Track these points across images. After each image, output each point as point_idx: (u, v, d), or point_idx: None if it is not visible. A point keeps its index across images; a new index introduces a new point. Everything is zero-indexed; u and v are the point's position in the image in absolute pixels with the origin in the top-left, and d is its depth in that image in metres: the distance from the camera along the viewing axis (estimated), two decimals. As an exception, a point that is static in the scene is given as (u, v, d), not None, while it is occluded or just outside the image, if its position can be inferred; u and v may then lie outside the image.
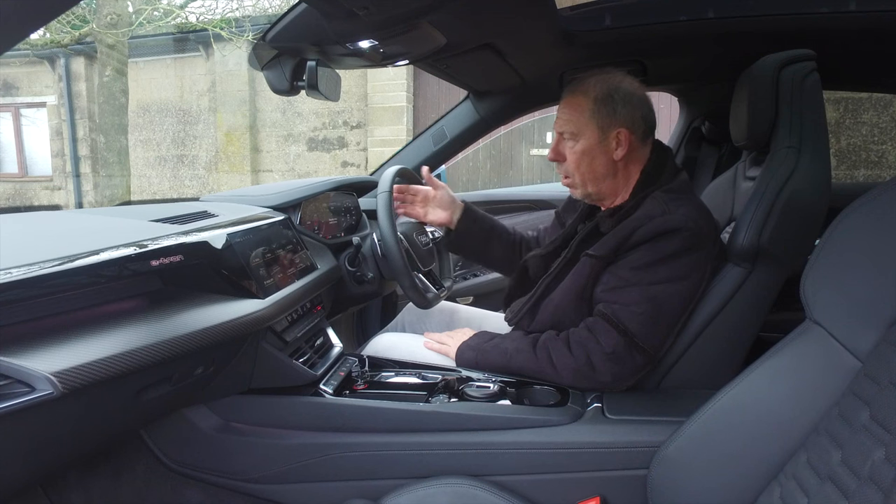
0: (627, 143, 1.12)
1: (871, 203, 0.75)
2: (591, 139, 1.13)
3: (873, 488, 0.58)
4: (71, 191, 7.79)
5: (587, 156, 1.14)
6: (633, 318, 1.04)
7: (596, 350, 1.05)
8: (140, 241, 0.88)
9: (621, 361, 1.05)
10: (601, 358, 1.05)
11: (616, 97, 1.12)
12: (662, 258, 1.04)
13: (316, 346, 1.23)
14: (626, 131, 1.12)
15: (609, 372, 1.05)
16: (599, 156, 1.14)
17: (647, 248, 1.05)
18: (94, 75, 6.76)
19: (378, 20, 0.99)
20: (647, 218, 1.07)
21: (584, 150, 1.14)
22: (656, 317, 1.05)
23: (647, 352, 1.05)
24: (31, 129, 8.03)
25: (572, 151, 1.15)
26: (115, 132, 5.57)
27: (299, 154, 7.01)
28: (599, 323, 1.07)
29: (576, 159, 1.15)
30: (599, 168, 1.14)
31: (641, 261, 1.05)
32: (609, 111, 1.11)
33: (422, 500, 0.93)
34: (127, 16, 5.68)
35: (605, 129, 1.12)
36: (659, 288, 1.04)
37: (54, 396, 0.65)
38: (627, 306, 1.05)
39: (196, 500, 1.14)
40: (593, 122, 1.12)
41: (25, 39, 0.91)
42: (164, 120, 7.47)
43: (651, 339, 1.05)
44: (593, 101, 1.12)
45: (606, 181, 1.16)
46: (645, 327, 1.04)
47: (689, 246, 1.05)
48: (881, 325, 0.68)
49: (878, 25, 1.28)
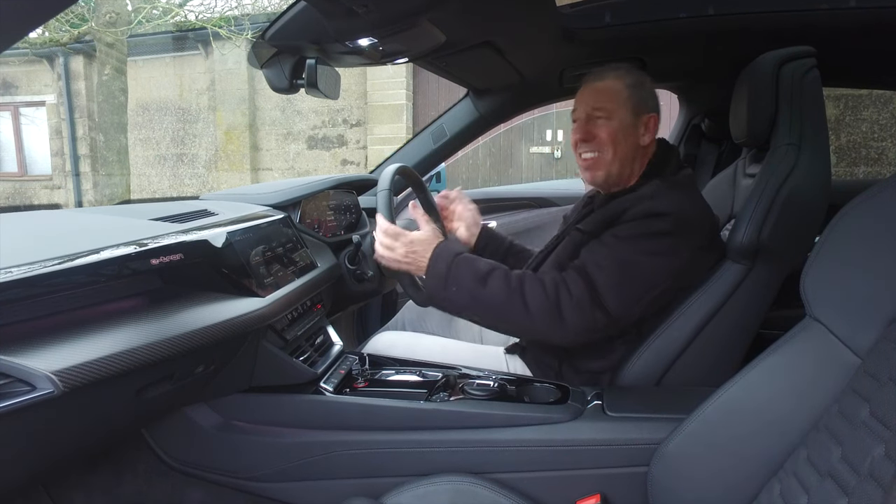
0: (654, 130, 1.17)
1: (871, 200, 0.75)
2: (624, 120, 1.16)
3: (873, 485, 0.58)
4: (70, 190, 7.78)
5: (621, 133, 1.16)
6: (602, 277, 1.05)
7: (565, 297, 1.05)
8: (140, 240, 0.88)
9: (583, 313, 1.04)
10: (568, 306, 1.04)
11: (646, 86, 1.18)
12: (645, 234, 1.06)
13: (316, 345, 1.23)
14: (656, 118, 1.17)
15: (571, 320, 1.04)
16: (630, 137, 1.17)
17: (633, 224, 1.07)
18: (94, 74, 6.75)
19: (377, 18, 0.99)
20: (636, 200, 1.10)
21: (618, 129, 1.16)
22: (624, 281, 1.05)
23: (608, 313, 1.04)
24: (31, 128, 8.02)
25: (607, 128, 1.16)
26: (115, 131, 5.57)
27: (299, 152, 7.00)
28: (571, 274, 1.08)
29: (610, 136, 1.16)
30: (628, 149, 1.17)
31: (624, 233, 1.08)
32: (642, 98, 1.17)
33: (423, 497, 0.94)
34: (126, 14, 5.67)
35: (639, 113, 1.16)
36: (634, 257, 1.06)
37: (55, 395, 0.65)
38: (599, 264, 1.06)
39: (197, 498, 1.14)
40: (629, 104, 1.16)
41: (24, 38, 0.91)
42: (164, 118, 7.46)
43: (614, 302, 1.04)
44: (628, 86, 1.16)
45: (627, 164, 1.18)
46: (611, 289, 1.04)
47: (674, 230, 1.06)
48: (881, 322, 0.68)
49: (878, 22, 1.28)
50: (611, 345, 1.15)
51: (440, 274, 1.08)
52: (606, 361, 1.16)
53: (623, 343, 1.15)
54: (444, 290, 1.08)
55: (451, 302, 1.09)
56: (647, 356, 1.13)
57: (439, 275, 1.08)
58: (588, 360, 1.17)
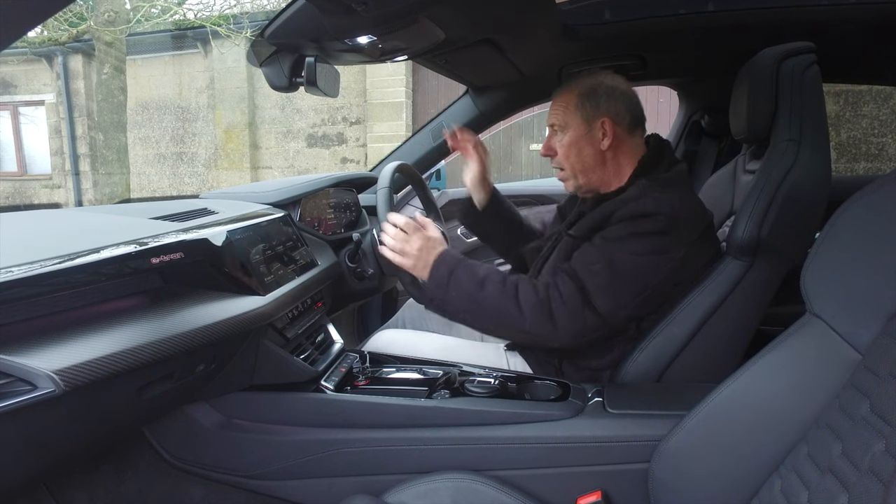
0: (612, 133, 1.17)
1: (871, 196, 0.75)
2: (577, 131, 1.18)
3: (873, 480, 0.58)
4: (70, 189, 7.78)
5: (575, 146, 1.19)
6: (590, 277, 1.06)
7: (556, 298, 1.07)
8: (140, 239, 0.88)
9: (573, 316, 1.06)
10: (558, 307, 1.06)
11: (599, 91, 1.18)
12: (634, 234, 1.07)
13: (317, 343, 1.23)
14: (609, 121, 1.17)
15: (562, 322, 1.06)
16: (587, 146, 1.18)
17: (622, 226, 1.08)
18: (93, 73, 6.75)
19: (376, 16, 0.98)
20: (622, 202, 1.10)
21: (571, 142, 1.19)
22: (614, 281, 1.06)
23: (599, 314, 1.06)
24: (30, 127, 8.01)
25: (561, 144, 1.21)
26: (114, 130, 5.56)
27: (298, 150, 7.00)
28: (561, 276, 1.09)
29: (564, 150, 1.20)
30: (588, 158, 1.19)
31: (613, 234, 1.09)
32: (593, 103, 1.17)
33: (424, 495, 0.94)
34: (125, 13, 5.66)
35: (590, 121, 1.17)
36: (623, 257, 1.06)
37: (56, 394, 0.65)
38: (588, 266, 1.08)
39: (198, 496, 1.14)
40: (578, 114, 1.18)
41: (23, 37, 0.91)
42: (163, 117, 7.45)
43: (605, 302, 1.05)
44: (578, 95, 1.18)
45: (595, 172, 1.20)
46: (600, 289, 1.05)
47: (662, 229, 1.06)
48: (881, 317, 0.68)
49: (877, 17, 1.28)
50: (611, 342, 1.15)
51: (442, 276, 1.11)
52: (607, 358, 1.17)
53: (623, 340, 1.15)
54: (445, 293, 1.11)
55: (450, 304, 1.12)
56: (647, 353, 1.13)
57: (441, 276, 1.11)
58: (588, 358, 1.17)
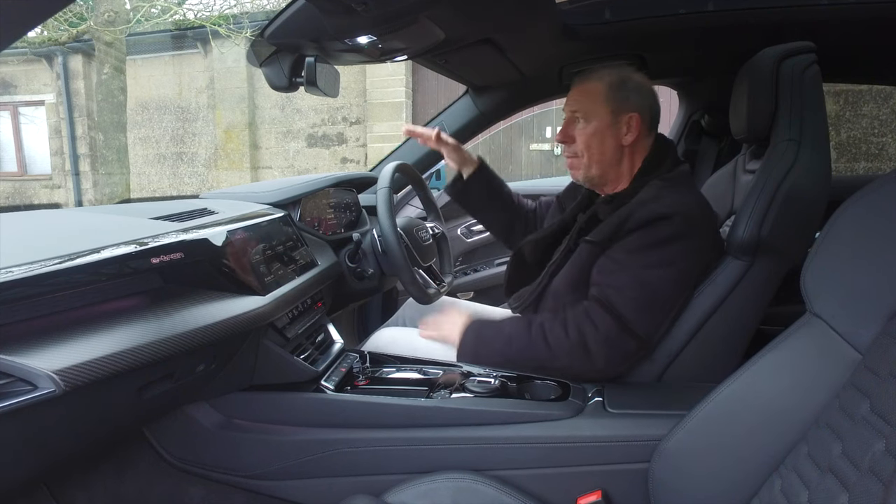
0: (637, 128, 1.16)
1: (871, 195, 0.75)
2: (603, 121, 1.17)
3: (873, 480, 0.58)
4: (70, 189, 7.78)
5: (598, 136, 1.17)
6: (627, 304, 1.05)
7: (590, 332, 1.06)
8: (140, 239, 0.88)
9: (614, 346, 1.06)
10: (595, 340, 1.06)
11: (629, 85, 1.17)
12: (655, 242, 1.06)
13: (317, 343, 1.23)
14: (637, 116, 1.16)
15: (602, 355, 1.06)
16: (609, 138, 1.17)
17: (641, 233, 1.07)
18: (93, 73, 6.75)
19: (376, 16, 0.98)
20: (640, 204, 1.10)
21: (595, 131, 1.18)
22: (649, 302, 1.06)
23: (640, 337, 1.06)
24: (30, 127, 8.01)
25: (583, 132, 1.19)
26: (114, 130, 5.56)
27: (298, 150, 7.00)
28: (593, 307, 1.08)
29: (586, 139, 1.18)
30: (608, 151, 1.18)
31: (634, 244, 1.07)
32: (622, 96, 1.16)
33: (424, 495, 0.94)
34: (124, 13, 5.66)
35: (618, 113, 1.16)
36: (651, 273, 1.06)
37: (56, 394, 0.65)
38: (621, 291, 1.06)
39: (198, 496, 1.14)
40: (607, 105, 1.16)
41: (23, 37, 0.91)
42: (163, 117, 7.45)
43: (644, 325, 1.06)
44: (608, 86, 1.17)
45: (612, 166, 1.19)
46: (638, 313, 1.05)
47: (682, 232, 1.06)
48: (881, 317, 0.68)
49: (877, 17, 1.28)
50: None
51: (469, 343, 1.19)
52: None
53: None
54: (476, 358, 1.17)
55: (485, 363, 1.16)
56: (647, 353, 1.13)
57: (469, 344, 1.19)
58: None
